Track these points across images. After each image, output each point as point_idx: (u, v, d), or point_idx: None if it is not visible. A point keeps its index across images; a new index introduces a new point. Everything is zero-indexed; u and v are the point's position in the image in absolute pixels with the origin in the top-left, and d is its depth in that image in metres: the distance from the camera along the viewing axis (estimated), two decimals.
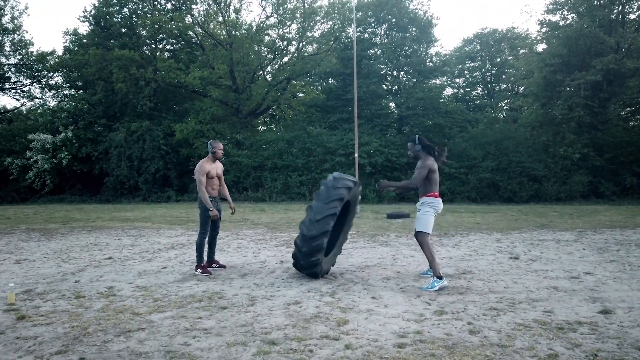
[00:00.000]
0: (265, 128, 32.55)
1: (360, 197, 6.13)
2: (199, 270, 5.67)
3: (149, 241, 8.80)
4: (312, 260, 5.03)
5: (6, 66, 30.34)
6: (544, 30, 24.70)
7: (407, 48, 26.80)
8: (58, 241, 8.88)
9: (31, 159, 24.31)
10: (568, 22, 23.42)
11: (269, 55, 27.84)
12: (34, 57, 30.31)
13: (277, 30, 26.61)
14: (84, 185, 25.65)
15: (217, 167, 6.02)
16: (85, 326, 3.66)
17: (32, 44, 32.11)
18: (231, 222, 11.85)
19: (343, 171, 21.64)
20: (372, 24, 26.84)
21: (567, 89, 22.34)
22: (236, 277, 5.53)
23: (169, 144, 24.10)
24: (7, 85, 31.89)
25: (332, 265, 5.84)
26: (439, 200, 5.19)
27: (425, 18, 26.32)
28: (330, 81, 28.77)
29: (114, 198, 24.14)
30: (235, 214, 8.94)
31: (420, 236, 5.10)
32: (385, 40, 26.98)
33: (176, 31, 25.89)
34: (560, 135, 22.66)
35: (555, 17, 23.85)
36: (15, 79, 31.56)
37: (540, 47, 26.92)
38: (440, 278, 4.89)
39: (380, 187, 5.16)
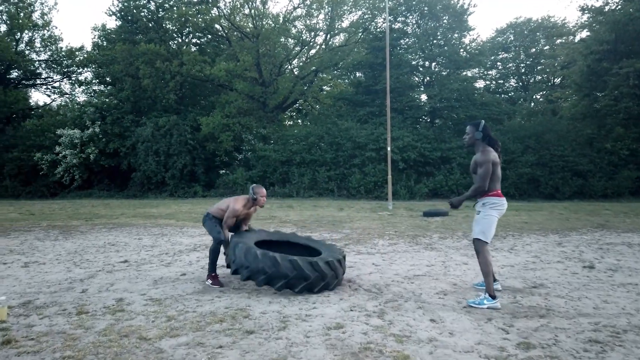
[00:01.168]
0: (291, 123, 31.86)
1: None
2: (209, 281, 4.92)
3: (170, 241, 8.17)
4: (293, 273, 4.35)
5: (37, 62, 30.62)
6: (585, 17, 23.10)
7: (439, 37, 25.54)
8: (75, 240, 8.34)
9: (60, 154, 24.32)
10: (612, 7, 21.76)
11: (296, 48, 27.10)
12: (63, 53, 30.51)
13: (304, 21, 25.83)
14: (111, 181, 25.56)
15: (249, 214, 5.32)
16: (80, 357, 2.95)
17: (62, 40, 32.49)
18: (257, 220, 11.15)
19: (373, 167, 20.80)
20: (403, 13, 25.66)
21: (613, 78, 20.72)
22: (264, 288, 4.78)
23: (196, 139, 23.68)
24: (38, 81, 32.25)
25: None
26: (503, 200, 4.35)
27: (459, 6, 25.03)
28: (358, 74, 27.78)
29: (141, 193, 23.90)
30: (263, 210, 8.21)
31: (477, 244, 4.27)
32: (417, 30, 25.79)
33: (202, 24, 25.42)
34: (606, 127, 21.14)
35: (598, 3, 22.26)
36: (46, 75, 31.89)
37: (582, 35, 25.29)
38: (494, 297, 4.03)
39: (454, 206, 4.51)
